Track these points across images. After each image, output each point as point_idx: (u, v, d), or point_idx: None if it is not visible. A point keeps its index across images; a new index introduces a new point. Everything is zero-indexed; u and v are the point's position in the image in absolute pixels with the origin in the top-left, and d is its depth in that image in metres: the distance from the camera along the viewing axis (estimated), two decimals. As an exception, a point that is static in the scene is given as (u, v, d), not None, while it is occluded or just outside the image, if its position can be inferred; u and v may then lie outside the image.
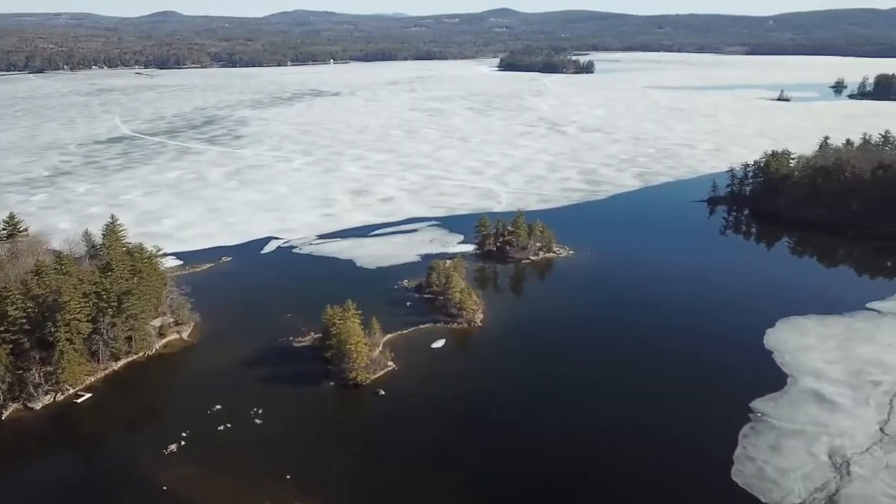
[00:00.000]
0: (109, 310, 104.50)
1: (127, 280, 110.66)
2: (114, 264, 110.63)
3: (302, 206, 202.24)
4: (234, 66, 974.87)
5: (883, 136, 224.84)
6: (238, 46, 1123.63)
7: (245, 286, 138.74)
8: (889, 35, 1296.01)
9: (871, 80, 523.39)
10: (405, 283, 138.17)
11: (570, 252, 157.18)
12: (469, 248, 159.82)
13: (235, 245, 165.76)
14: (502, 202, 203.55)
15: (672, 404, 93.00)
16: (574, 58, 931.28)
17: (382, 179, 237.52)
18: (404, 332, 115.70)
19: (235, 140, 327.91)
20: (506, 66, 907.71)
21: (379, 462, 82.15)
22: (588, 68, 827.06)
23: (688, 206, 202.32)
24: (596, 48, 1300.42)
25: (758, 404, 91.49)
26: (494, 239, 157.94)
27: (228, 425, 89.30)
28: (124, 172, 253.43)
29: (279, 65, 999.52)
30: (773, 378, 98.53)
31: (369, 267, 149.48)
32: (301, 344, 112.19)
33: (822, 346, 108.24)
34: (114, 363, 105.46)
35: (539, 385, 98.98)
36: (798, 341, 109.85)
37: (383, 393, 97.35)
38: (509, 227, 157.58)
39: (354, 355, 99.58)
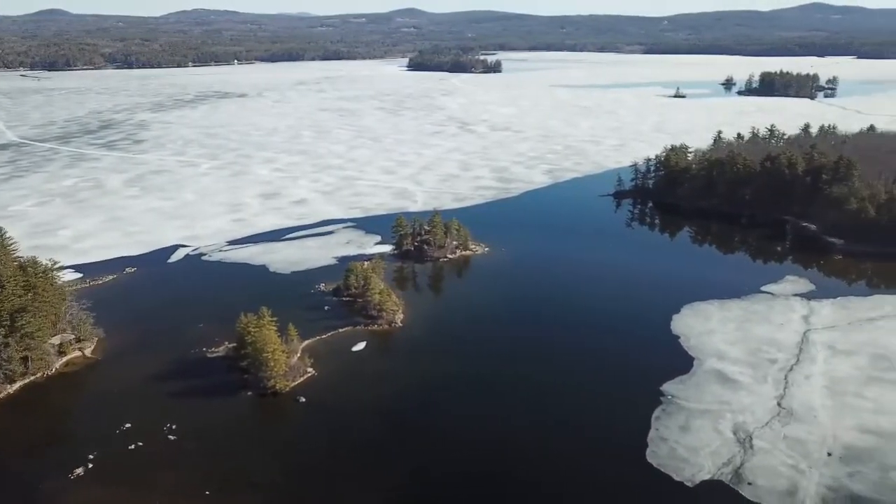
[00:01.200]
0: (1, 329, 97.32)
1: (20, 297, 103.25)
2: (4, 280, 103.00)
3: (210, 211, 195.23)
4: (130, 67, 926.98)
5: (769, 130, 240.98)
6: (134, 47, 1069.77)
7: (152, 297, 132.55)
8: (770, 35, 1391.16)
9: (757, 78, 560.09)
10: (322, 286, 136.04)
11: (486, 249, 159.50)
12: (387, 248, 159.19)
13: (140, 255, 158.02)
14: (418, 201, 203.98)
15: (589, 394, 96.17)
16: (482, 57, 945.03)
17: (295, 181, 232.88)
18: (323, 336, 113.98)
19: (135, 145, 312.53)
20: (415, 65, 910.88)
21: (302, 470, 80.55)
22: (496, 68, 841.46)
23: (595, 200, 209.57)
24: (503, 48, 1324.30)
25: (668, 387, 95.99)
26: (412, 238, 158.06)
27: (140, 443, 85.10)
28: (12, 182, 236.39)
29: (179, 66, 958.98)
30: (680, 361, 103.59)
31: (284, 272, 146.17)
32: (215, 354, 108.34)
33: (723, 328, 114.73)
34: (8, 386, 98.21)
35: (461, 384, 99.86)
36: (702, 325, 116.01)
37: (304, 400, 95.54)
38: (426, 227, 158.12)
39: (272, 363, 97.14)
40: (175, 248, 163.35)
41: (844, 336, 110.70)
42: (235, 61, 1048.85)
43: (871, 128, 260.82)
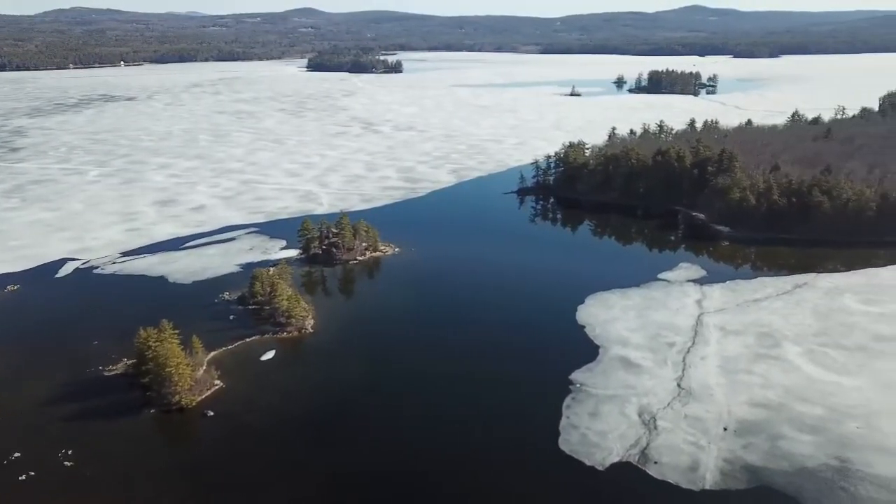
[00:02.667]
0: None
1: None
2: None
3: (101, 221, 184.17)
4: (2, 69, 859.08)
5: (659, 126, 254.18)
6: (6, 48, 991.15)
7: (39, 316, 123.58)
8: (655, 35, 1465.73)
9: (646, 76, 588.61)
10: (226, 295, 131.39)
11: (396, 250, 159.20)
12: (293, 253, 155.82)
13: (23, 271, 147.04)
14: (324, 203, 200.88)
15: (503, 388, 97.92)
16: (382, 57, 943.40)
17: (192, 187, 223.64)
18: (230, 347, 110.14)
19: (12, 153, 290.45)
20: (314, 66, 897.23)
21: (213, 487, 77.53)
22: (397, 68, 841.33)
23: (500, 198, 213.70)
24: (403, 48, 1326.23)
25: (577, 376, 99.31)
26: (319, 242, 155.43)
27: (32, 473, 79.19)
28: None
29: (59, 68, 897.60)
30: (587, 350, 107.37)
31: (184, 282, 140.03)
32: (113, 373, 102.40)
33: (624, 316, 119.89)
34: None
35: (375, 386, 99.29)
36: (605, 314, 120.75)
37: (212, 413, 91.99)
38: (333, 229, 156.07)
39: (176, 378, 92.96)
40: (63, 262, 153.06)
41: (733, 317, 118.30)
42: (122, 63, 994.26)
43: (749, 122, 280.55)
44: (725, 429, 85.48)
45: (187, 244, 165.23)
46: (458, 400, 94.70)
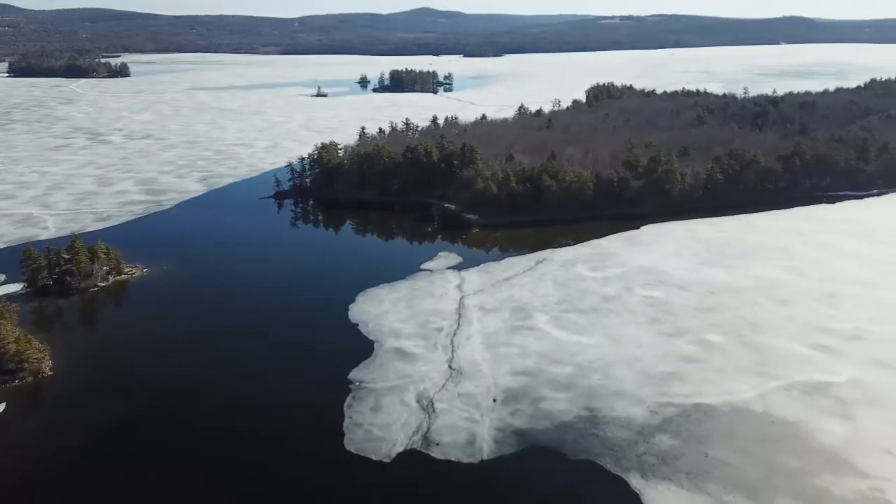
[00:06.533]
0: None
1: None
2: None
3: None
4: None
5: (405, 124, 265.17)
6: None
7: None
8: (392, 36, 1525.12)
9: (388, 76, 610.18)
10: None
11: (145, 270, 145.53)
12: (16, 287, 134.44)
13: None
14: (50, 227, 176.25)
15: (282, 397, 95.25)
16: (104, 60, 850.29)
17: None
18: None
19: None
20: (18, 70, 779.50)
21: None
22: (123, 71, 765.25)
23: (256, 204, 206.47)
24: (127, 50, 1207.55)
25: (355, 374, 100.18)
26: (49, 271, 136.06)
27: None
28: None
29: None
30: (362, 347, 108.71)
31: None
32: None
33: (394, 308, 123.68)
34: None
35: (132, 422, 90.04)
36: (376, 309, 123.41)
37: (-72, 492, 76.41)
38: (65, 255, 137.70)
39: None
40: None
41: (490, 296, 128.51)
42: None
43: (484, 116, 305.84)
44: (495, 400, 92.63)
45: None
46: (232, 420, 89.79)
